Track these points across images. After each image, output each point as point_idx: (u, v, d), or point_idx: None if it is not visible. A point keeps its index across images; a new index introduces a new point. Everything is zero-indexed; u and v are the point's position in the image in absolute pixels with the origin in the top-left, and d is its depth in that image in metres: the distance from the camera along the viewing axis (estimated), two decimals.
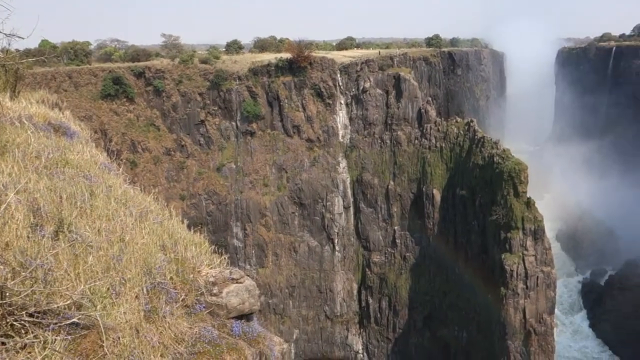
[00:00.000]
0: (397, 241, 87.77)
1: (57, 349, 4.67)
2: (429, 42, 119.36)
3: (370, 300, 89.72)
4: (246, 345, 6.28)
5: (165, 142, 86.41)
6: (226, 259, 7.61)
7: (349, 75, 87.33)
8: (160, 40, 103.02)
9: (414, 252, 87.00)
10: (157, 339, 5.43)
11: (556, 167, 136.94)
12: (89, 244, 6.26)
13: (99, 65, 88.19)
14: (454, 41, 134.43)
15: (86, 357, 4.90)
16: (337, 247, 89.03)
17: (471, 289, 75.57)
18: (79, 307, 5.18)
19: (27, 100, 12.80)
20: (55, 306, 4.91)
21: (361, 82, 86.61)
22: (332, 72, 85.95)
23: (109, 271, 5.93)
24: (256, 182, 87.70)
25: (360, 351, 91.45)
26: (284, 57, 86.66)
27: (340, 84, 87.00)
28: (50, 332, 4.74)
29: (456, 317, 79.62)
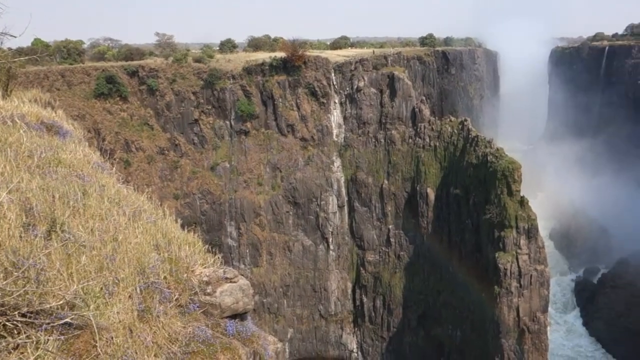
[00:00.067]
0: (392, 240, 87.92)
1: (50, 349, 4.65)
2: (422, 42, 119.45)
3: (364, 299, 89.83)
4: (240, 344, 6.27)
5: (159, 141, 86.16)
6: (220, 258, 7.59)
7: (343, 74, 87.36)
8: (153, 39, 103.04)
9: (408, 251, 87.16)
10: (151, 339, 5.41)
11: (549, 165, 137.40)
12: (82, 244, 6.23)
13: (92, 64, 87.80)
14: (447, 40, 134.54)
15: (79, 357, 4.88)
16: (331, 246, 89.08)
17: (465, 288, 75.78)
18: (72, 307, 5.15)
19: (19, 99, 12.73)
20: (48, 306, 4.88)
21: (355, 81, 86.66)
22: (326, 72, 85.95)
23: (102, 271, 5.91)
24: (250, 182, 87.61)
25: (354, 350, 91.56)
26: (278, 56, 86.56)
27: (334, 83, 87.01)
28: (42, 332, 4.71)
29: (450, 316, 79.84)
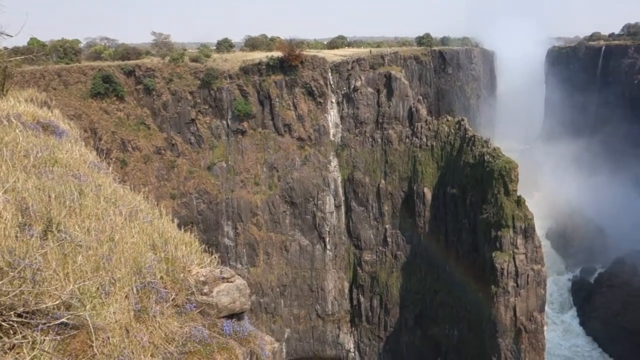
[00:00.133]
0: (388, 240, 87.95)
1: (46, 349, 4.64)
2: (419, 41, 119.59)
3: (361, 298, 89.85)
4: (237, 344, 6.27)
5: (155, 140, 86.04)
6: (217, 258, 7.59)
7: (340, 74, 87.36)
8: (150, 38, 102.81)
9: (405, 251, 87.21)
10: (147, 339, 5.40)
11: (546, 165, 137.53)
12: (78, 244, 6.22)
13: (89, 63, 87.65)
14: (444, 40, 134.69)
15: (75, 357, 4.87)
16: (328, 246, 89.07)
17: (462, 288, 75.85)
18: (68, 307, 5.15)
19: (15, 98, 12.72)
20: (44, 306, 4.87)
21: (352, 81, 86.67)
22: (323, 71, 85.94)
23: (99, 271, 5.90)
24: (247, 181, 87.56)
25: (351, 350, 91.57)
26: (275, 55, 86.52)
27: (331, 82, 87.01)
28: (39, 332, 4.70)
29: (447, 316, 79.90)
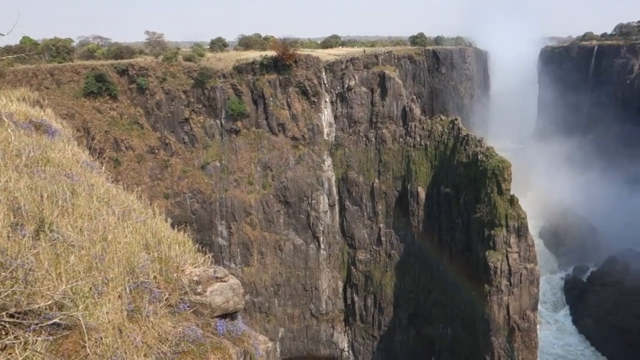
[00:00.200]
0: (382, 239, 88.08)
1: (39, 350, 4.62)
2: (413, 41, 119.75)
3: (355, 298, 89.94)
4: (230, 344, 6.26)
5: (149, 140, 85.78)
6: (210, 257, 7.58)
7: (334, 73, 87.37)
8: (143, 37, 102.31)
9: (399, 250, 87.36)
10: (141, 339, 5.39)
11: (539, 164, 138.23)
12: (71, 244, 6.19)
13: (82, 62, 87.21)
14: (438, 40, 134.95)
15: (68, 357, 4.85)
16: (322, 245, 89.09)
17: (455, 286, 76.03)
18: (61, 307, 5.12)
19: (7, 97, 12.64)
20: (36, 306, 4.85)
21: (346, 80, 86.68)
22: (317, 70, 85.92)
23: (91, 271, 5.88)
24: (241, 181, 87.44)
25: (345, 349, 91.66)
26: (269, 55, 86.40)
27: (325, 82, 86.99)
28: (31, 332, 4.68)
29: (441, 315, 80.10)
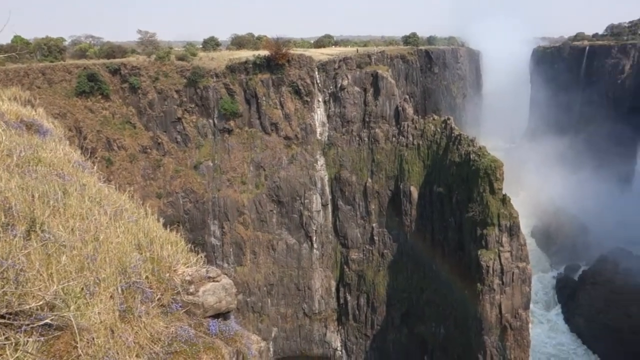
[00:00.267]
0: (375, 238, 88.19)
1: (30, 351, 4.60)
2: (406, 40, 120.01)
3: (348, 297, 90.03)
4: (223, 344, 6.25)
5: (141, 139, 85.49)
6: (203, 257, 7.57)
7: (327, 72, 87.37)
8: (136, 36, 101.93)
9: (392, 249, 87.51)
10: (133, 339, 5.37)
11: (531, 164, 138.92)
12: (62, 244, 6.16)
13: (74, 61, 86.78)
14: (430, 39, 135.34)
15: (59, 358, 4.83)
16: (315, 245, 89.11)
17: (448, 285, 76.26)
18: (52, 307, 5.10)
19: None
20: (27, 307, 4.83)
21: (339, 80, 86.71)
22: (310, 70, 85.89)
23: (83, 271, 5.85)
24: (234, 180, 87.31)
25: (338, 348, 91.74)
26: (262, 54, 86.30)
27: (318, 81, 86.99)
28: (22, 333, 4.66)
29: (433, 314, 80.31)
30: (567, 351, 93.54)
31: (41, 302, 4.94)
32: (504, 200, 66.09)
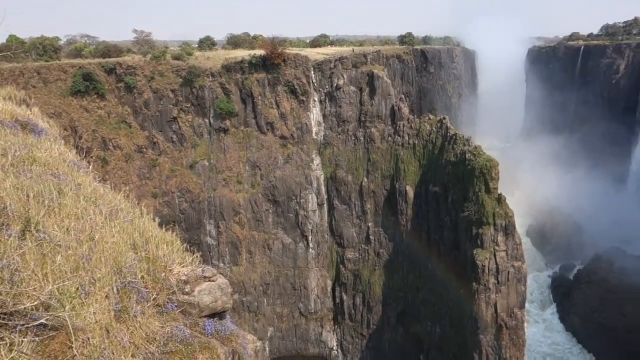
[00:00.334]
0: (371, 238, 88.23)
1: (25, 351, 4.59)
2: (402, 40, 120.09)
3: (344, 297, 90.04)
4: (219, 344, 6.25)
5: (137, 139, 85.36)
6: (199, 257, 7.55)
7: (323, 72, 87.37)
8: (131, 36, 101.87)
9: (388, 249, 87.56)
10: (128, 339, 5.36)
11: (527, 163, 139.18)
12: (58, 244, 6.15)
13: (69, 61, 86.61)
14: (426, 39, 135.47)
15: (55, 358, 4.82)
16: (311, 245, 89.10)
17: (444, 285, 76.35)
18: (47, 308, 5.09)
19: None
20: (22, 307, 4.82)
21: (335, 80, 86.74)
22: (306, 70, 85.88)
23: (78, 271, 5.84)
24: (230, 180, 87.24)
25: (334, 348, 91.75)
26: (258, 54, 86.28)
27: (314, 81, 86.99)
28: (17, 333, 4.65)
29: (429, 313, 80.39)
30: (563, 350, 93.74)
31: (36, 303, 4.93)
32: (500, 199, 66.20)
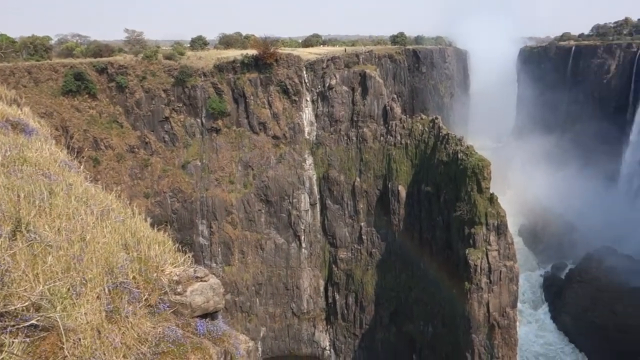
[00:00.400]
0: (364, 237, 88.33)
1: (15, 352, 4.57)
2: (394, 40, 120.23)
3: (337, 296, 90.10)
4: (211, 344, 6.24)
5: (128, 139, 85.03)
6: (191, 257, 7.54)
7: (315, 72, 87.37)
8: (123, 35, 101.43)
9: (380, 248, 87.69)
10: (120, 340, 5.35)
11: (518, 163, 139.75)
12: (48, 244, 6.12)
13: (60, 60, 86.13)
14: (418, 39, 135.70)
15: (45, 359, 4.80)
16: (303, 244, 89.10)
17: (436, 284, 76.53)
18: (38, 308, 5.07)
19: None
20: (12, 308, 4.80)
21: (327, 79, 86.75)
22: (298, 69, 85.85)
23: (69, 271, 5.81)
24: (222, 180, 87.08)
25: (327, 348, 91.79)
26: (250, 53, 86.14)
27: (306, 80, 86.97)
28: (7, 334, 4.63)
29: (421, 312, 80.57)
30: (555, 350, 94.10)
31: (27, 303, 4.91)
32: (492, 199, 66.40)
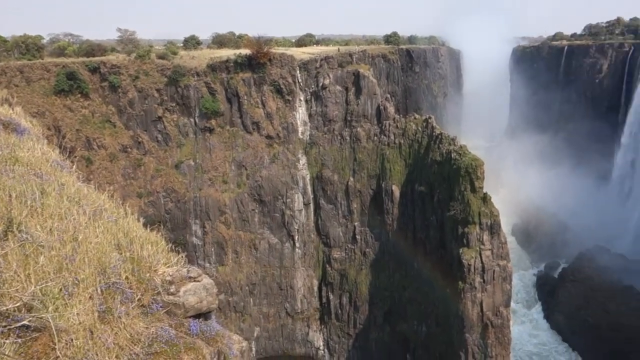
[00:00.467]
0: (357, 237, 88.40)
1: (7, 353, 4.54)
2: (387, 40, 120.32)
3: (330, 296, 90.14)
4: (204, 344, 6.22)
5: (121, 138, 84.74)
6: (184, 257, 7.52)
7: (309, 71, 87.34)
8: (115, 35, 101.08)
9: (374, 248, 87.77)
10: (112, 340, 5.32)
11: (511, 162, 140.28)
12: (40, 244, 6.08)
13: (52, 60, 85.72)
14: (411, 39, 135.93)
15: None
16: (297, 244, 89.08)
17: (430, 284, 76.68)
18: (30, 309, 5.04)
19: None
20: (4, 308, 4.77)
21: (320, 79, 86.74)
22: (291, 69, 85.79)
23: (61, 271, 5.78)
24: (215, 179, 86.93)
25: (321, 347, 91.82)
26: (243, 53, 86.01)
27: (299, 80, 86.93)
28: None
29: (415, 312, 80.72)
30: (549, 349, 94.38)
31: (19, 304, 4.88)
32: (485, 198, 66.57)
